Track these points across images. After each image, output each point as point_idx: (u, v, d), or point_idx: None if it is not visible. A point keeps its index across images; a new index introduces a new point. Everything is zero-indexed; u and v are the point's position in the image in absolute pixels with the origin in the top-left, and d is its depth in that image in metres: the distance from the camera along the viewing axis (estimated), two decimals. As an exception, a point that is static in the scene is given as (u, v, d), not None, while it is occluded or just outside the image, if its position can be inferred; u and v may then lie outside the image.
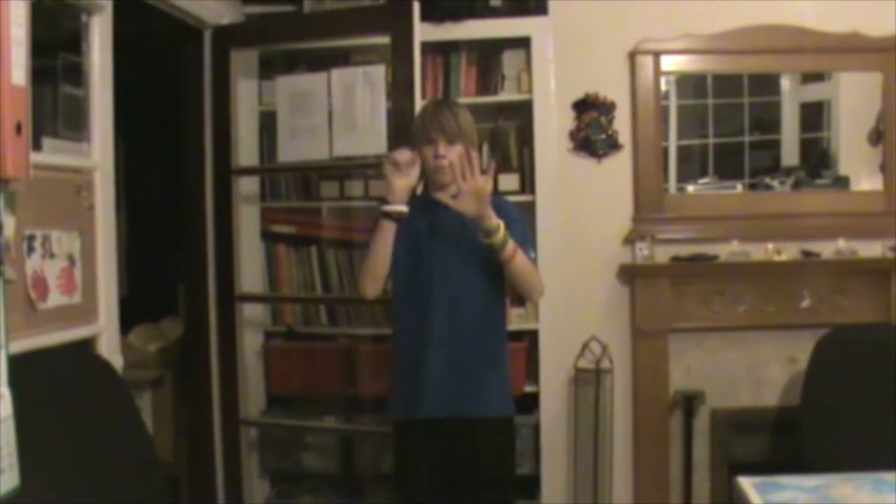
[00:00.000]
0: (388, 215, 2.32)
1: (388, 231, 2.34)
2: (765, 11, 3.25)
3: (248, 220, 3.30)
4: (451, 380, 2.34)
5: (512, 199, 3.00)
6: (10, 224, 1.66)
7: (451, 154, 2.32)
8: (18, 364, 1.52)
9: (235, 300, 3.15)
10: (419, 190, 2.53)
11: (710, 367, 3.31)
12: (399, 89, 2.85)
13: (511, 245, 2.28)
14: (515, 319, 3.19)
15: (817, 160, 3.49)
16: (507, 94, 3.30)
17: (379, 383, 3.20)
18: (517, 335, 3.13)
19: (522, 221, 2.46)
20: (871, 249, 3.23)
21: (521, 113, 3.29)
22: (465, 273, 2.35)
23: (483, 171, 2.26)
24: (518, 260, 2.31)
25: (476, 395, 2.36)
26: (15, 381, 1.48)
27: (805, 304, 3.26)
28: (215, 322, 3.16)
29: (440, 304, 2.34)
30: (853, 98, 3.44)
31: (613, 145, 3.34)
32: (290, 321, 3.41)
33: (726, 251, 3.27)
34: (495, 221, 2.25)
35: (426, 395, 2.34)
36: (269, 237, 3.42)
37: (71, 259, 2.00)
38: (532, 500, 3.22)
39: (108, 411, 2.00)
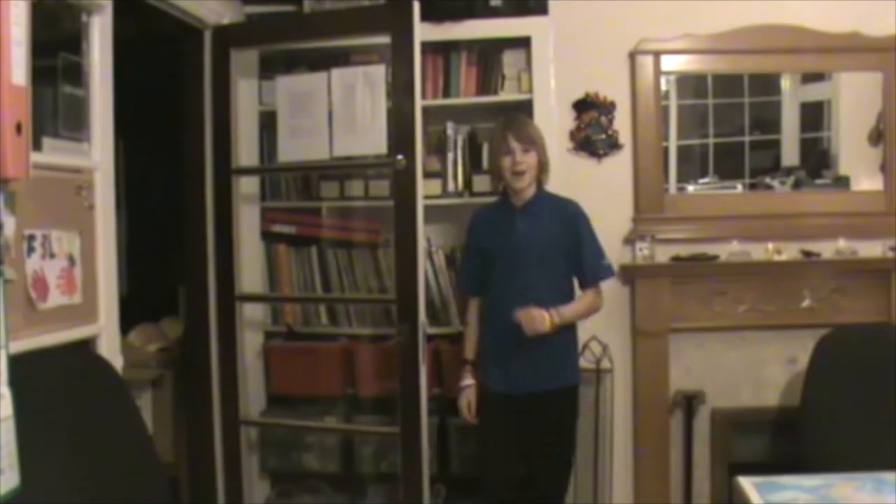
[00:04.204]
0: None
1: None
2: (765, 11, 3.25)
3: (248, 220, 3.30)
4: (535, 363, 2.73)
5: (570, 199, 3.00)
6: (10, 224, 1.66)
7: (528, 159, 2.73)
8: (18, 364, 1.52)
9: (235, 300, 3.15)
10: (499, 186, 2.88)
11: (710, 367, 3.31)
12: (399, 89, 2.84)
13: (565, 318, 2.71)
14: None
15: (817, 160, 3.49)
16: (507, 94, 3.30)
17: (379, 383, 3.21)
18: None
19: (591, 230, 2.82)
20: (871, 249, 3.23)
21: (522, 113, 3.28)
22: (538, 271, 2.74)
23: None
24: (575, 315, 2.78)
25: (555, 373, 2.77)
26: (15, 381, 1.48)
27: (805, 304, 3.26)
28: (215, 322, 3.15)
29: (520, 299, 2.67)
30: (853, 98, 3.44)
31: (613, 145, 3.34)
32: (290, 321, 3.41)
33: (726, 251, 3.27)
34: (546, 327, 2.65)
35: (513, 375, 2.76)
36: (269, 237, 3.42)
37: (71, 259, 2.00)
38: (532, 499, 3.23)
39: (108, 411, 2.00)
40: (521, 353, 2.72)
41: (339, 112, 2.97)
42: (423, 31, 2.90)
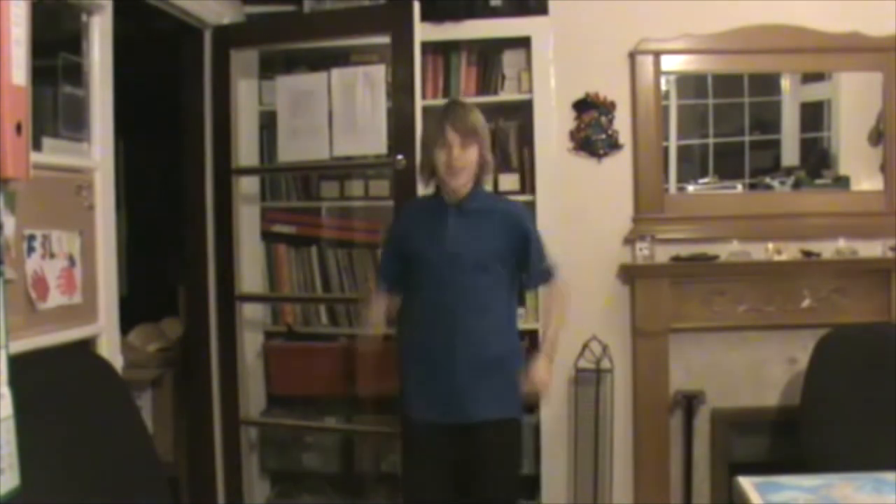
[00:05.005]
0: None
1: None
2: (765, 11, 3.25)
3: (248, 220, 3.30)
4: (465, 386, 2.38)
5: (512, 199, 3.00)
6: (10, 224, 1.66)
7: (467, 155, 2.35)
8: (18, 364, 1.52)
9: (235, 300, 3.16)
10: (430, 188, 2.52)
11: (710, 367, 3.31)
12: (399, 89, 2.85)
13: (550, 344, 2.51)
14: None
15: (817, 160, 3.49)
16: (507, 94, 3.30)
17: (379, 383, 3.20)
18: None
19: (537, 233, 2.53)
20: (871, 249, 3.23)
21: (522, 113, 3.29)
22: (475, 279, 2.39)
23: None
24: (559, 328, 2.55)
25: (487, 398, 2.39)
26: (15, 381, 1.48)
27: (805, 304, 3.25)
28: (215, 322, 3.16)
29: (453, 311, 2.38)
30: (853, 98, 3.44)
31: (613, 145, 3.34)
32: (290, 321, 3.41)
33: (726, 251, 3.27)
34: (541, 370, 2.44)
35: (441, 400, 2.40)
36: (269, 237, 3.42)
37: (71, 259, 2.00)
38: (532, 500, 3.22)
39: (108, 411, 2.00)
40: (457, 374, 2.36)
41: (339, 112, 2.97)
42: (423, 31, 2.91)
